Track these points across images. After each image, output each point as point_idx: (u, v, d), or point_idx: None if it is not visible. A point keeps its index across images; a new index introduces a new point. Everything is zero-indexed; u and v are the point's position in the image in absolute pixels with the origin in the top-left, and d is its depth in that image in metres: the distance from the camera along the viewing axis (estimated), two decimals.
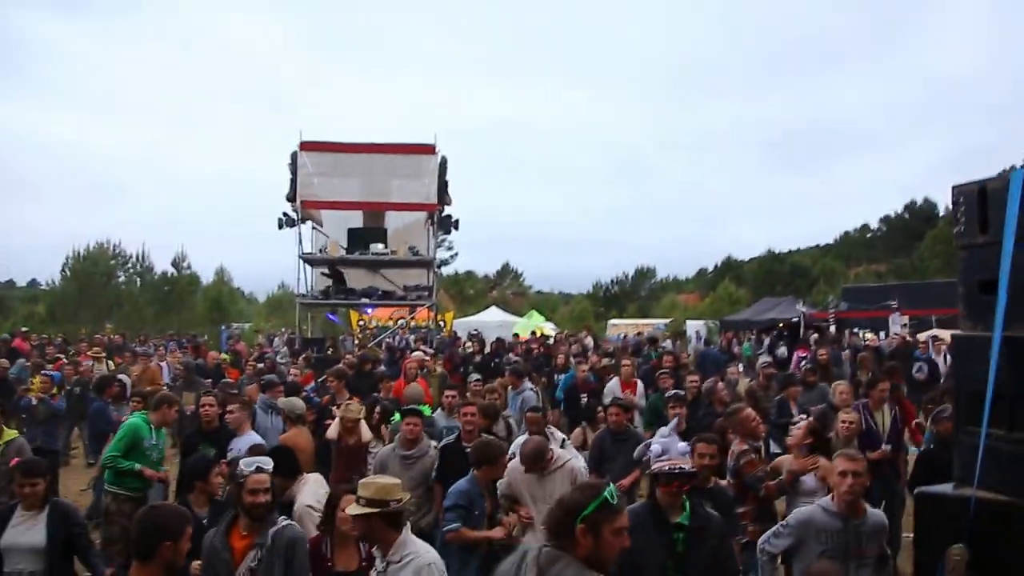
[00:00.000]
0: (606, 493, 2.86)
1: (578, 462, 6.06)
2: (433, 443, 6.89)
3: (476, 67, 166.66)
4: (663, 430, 4.60)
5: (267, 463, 4.46)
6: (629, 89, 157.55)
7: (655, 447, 4.34)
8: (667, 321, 35.07)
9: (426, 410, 8.08)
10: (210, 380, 12.61)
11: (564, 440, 7.02)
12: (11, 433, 7.07)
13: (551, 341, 22.15)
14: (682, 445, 4.39)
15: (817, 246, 71.70)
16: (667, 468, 4.15)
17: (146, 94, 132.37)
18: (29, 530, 5.01)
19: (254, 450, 6.40)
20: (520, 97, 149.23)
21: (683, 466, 4.18)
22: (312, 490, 5.46)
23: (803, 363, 15.37)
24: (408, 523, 4.02)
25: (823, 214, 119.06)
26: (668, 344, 19.80)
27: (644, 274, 68.20)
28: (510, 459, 6.06)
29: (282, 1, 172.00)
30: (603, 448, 7.41)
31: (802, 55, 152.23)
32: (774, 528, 4.69)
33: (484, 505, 5.67)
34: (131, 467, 6.96)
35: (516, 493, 5.87)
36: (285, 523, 4.39)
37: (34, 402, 10.48)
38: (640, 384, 10.72)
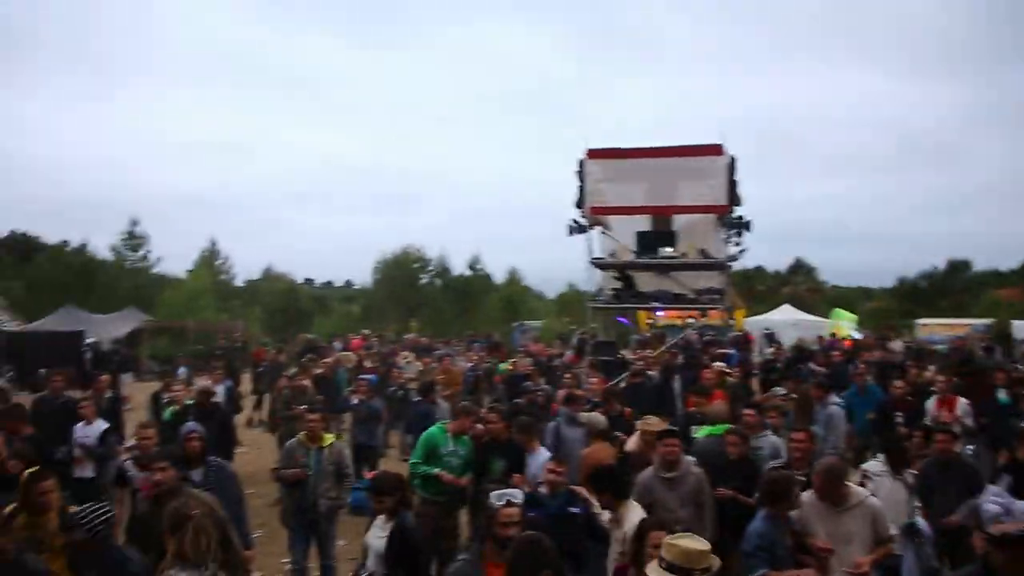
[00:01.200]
0: None
1: (877, 501, 5.40)
2: (692, 459, 6.53)
3: (756, 53, 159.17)
4: (993, 488, 4.31)
5: (517, 496, 4.47)
6: (924, 66, 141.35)
7: (992, 507, 4.00)
8: (988, 322, 30.82)
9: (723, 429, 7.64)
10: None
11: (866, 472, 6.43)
12: (329, 438, 7.63)
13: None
14: None
15: None
16: (1018, 532, 3.64)
17: (438, 109, 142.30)
18: (379, 536, 5.41)
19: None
20: (806, 83, 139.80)
21: None
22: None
23: None
24: None
25: None
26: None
27: (957, 267, 60.96)
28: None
29: (547, 8, 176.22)
30: (927, 479, 6.53)
31: None
32: None
33: (786, 542, 5.16)
34: (428, 471, 7.40)
35: (810, 530, 5.24)
36: None
37: (356, 402, 11.60)
38: (962, 401, 9.50)
